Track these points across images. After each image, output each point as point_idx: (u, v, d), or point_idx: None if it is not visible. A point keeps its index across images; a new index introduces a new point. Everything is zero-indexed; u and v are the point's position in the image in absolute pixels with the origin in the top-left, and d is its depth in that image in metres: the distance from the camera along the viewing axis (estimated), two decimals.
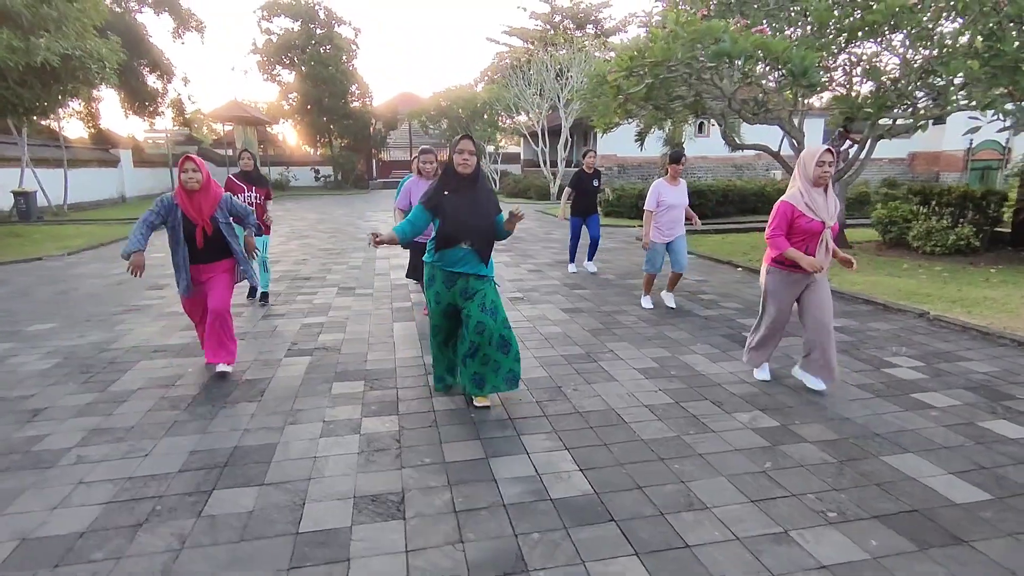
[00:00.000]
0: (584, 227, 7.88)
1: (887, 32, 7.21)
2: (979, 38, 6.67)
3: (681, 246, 5.94)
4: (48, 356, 4.63)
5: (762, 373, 4.06)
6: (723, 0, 7.53)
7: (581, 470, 2.84)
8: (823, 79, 6.77)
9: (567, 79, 20.66)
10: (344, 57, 31.77)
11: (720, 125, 9.74)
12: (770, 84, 8.21)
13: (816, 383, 3.79)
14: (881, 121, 8.34)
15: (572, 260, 8.28)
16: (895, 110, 7.37)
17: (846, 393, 3.77)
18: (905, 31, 7.21)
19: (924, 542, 2.28)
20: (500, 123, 27.92)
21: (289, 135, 39.45)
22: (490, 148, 29.50)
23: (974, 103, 6.87)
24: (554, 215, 15.89)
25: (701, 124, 12.25)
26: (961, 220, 8.41)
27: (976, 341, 4.83)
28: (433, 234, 3.54)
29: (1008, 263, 7.89)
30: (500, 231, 3.52)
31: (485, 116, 27.25)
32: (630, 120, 9.38)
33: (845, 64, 7.54)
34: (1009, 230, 8.77)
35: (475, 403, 3.58)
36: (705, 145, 20.83)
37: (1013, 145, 12.16)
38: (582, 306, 6.12)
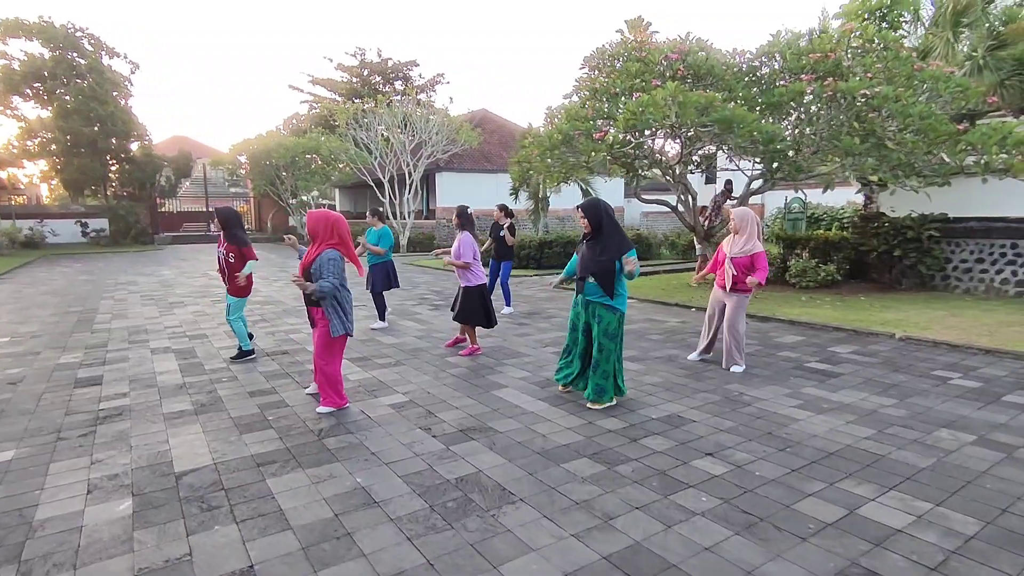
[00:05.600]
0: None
1: (791, 109, 8.94)
2: (855, 123, 8.68)
3: None
4: (108, 495, 3.17)
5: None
6: (661, 74, 8.58)
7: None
8: (782, 147, 8.10)
9: (416, 131, 20.67)
10: (117, 94, 27.17)
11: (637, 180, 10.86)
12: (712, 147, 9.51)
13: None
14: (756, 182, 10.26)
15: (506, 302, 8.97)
16: (801, 173, 9.11)
17: (922, 383, 4.55)
18: (800, 109, 9.03)
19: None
20: (325, 171, 26.45)
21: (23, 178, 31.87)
22: (306, 198, 27.68)
23: (854, 169, 8.86)
24: (427, 265, 15.66)
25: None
26: (829, 261, 10.57)
27: (956, 354, 6.17)
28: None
29: (864, 292, 10.13)
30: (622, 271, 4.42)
31: (312, 166, 25.66)
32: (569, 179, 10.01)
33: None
34: (848, 266, 11.25)
35: (590, 406, 4.52)
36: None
37: (808, 199, 15.66)
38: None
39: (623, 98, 8.65)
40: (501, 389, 5.09)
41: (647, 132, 7.35)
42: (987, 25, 13.13)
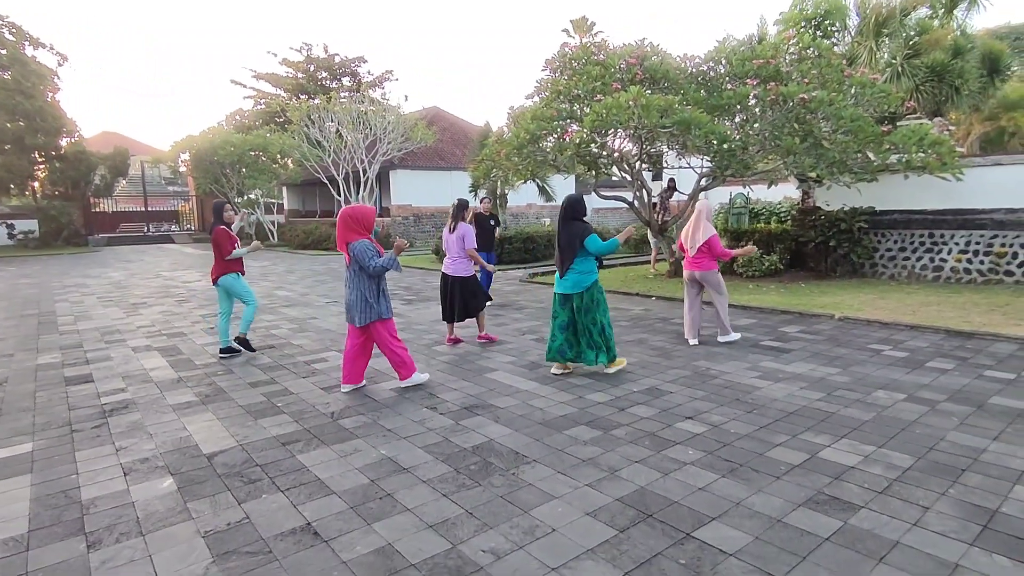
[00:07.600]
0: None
1: (736, 112, 9.68)
2: (795, 124, 9.51)
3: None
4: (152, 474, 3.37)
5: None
6: (620, 78, 9.14)
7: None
8: (734, 147, 8.78)
9: (371, 128, 20.65)
10: (44, 87, 25.71)
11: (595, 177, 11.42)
12: (663, 147, 10.15)
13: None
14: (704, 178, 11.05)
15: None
16: (749, 170, 9.88)
17: (860, 354, 5.27)
18: (745, 112, 9.79)
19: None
20: (273, 169, 25.91)
21: None
22: (253, 196, 26.99)
23: (795, 167, 9.70)
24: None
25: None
26: (772, 252, 11.46)
27: (886, 330, 6.99)
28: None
29: (804, 279, 11.06)
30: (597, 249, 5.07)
31: (259, 162, 25.08)
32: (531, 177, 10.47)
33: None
34: (788, 256, 12.21)
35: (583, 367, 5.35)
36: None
37: (751, 194, 16.67)
38: None
39: (585, 100, 9.16)
40: (493, 372, 5.47)
41: (610, 132, 7.87)
42: (904, 35, 14.41)
